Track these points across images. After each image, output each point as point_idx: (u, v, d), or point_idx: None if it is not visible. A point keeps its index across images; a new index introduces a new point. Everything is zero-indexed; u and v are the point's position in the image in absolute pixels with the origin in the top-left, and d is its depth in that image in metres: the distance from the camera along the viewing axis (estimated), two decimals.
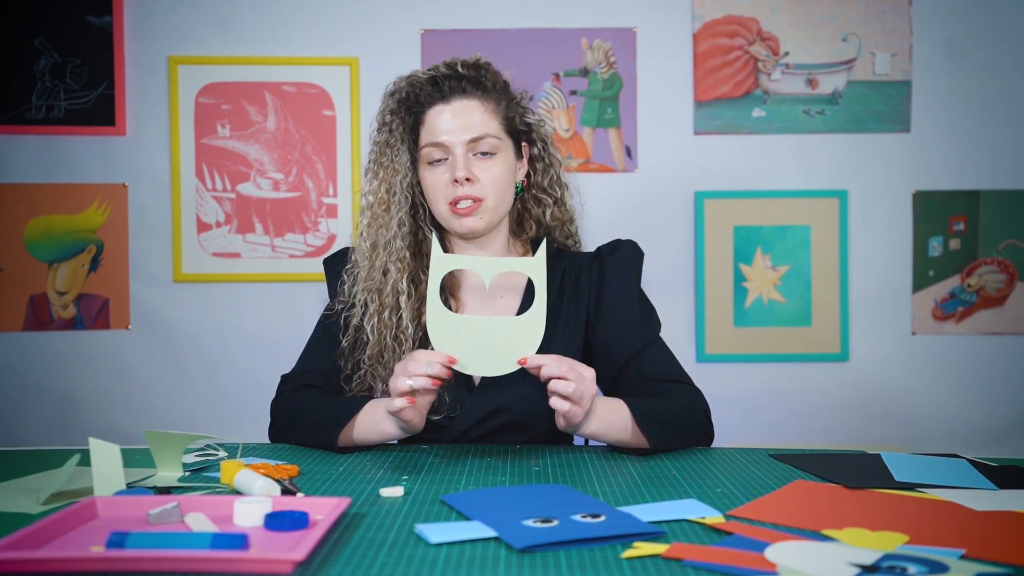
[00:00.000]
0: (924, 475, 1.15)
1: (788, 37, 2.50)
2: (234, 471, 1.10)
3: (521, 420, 1.44)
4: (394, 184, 1.47)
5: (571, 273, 1.52)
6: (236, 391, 2.48)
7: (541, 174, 1.55)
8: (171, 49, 2.48)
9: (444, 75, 1.46)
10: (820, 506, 1.02)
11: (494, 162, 1.44)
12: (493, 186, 1.44)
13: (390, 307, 1.45)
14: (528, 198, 1.56)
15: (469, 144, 1.43)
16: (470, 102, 1.45)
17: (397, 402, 1.22)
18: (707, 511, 0.98)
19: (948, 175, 2.50)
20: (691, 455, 1.31)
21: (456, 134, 1.43)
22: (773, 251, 2.51)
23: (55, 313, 2.49)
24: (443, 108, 1.44)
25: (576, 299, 1.50)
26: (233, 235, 2.50)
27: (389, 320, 1.45)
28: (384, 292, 1.46)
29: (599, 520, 0.93)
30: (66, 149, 2.47)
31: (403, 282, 1.45)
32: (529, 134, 1.53)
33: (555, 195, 1.56)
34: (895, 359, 2.50)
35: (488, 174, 1.44)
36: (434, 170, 1.45)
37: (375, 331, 1.45)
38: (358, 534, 0.91)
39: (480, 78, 1.47)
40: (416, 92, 1.46)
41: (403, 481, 1.14)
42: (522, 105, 1.53)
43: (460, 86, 1.45)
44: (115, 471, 1.06)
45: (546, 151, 1.55)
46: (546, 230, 1.56)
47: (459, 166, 1.42)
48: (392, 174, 1.48)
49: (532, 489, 1.07)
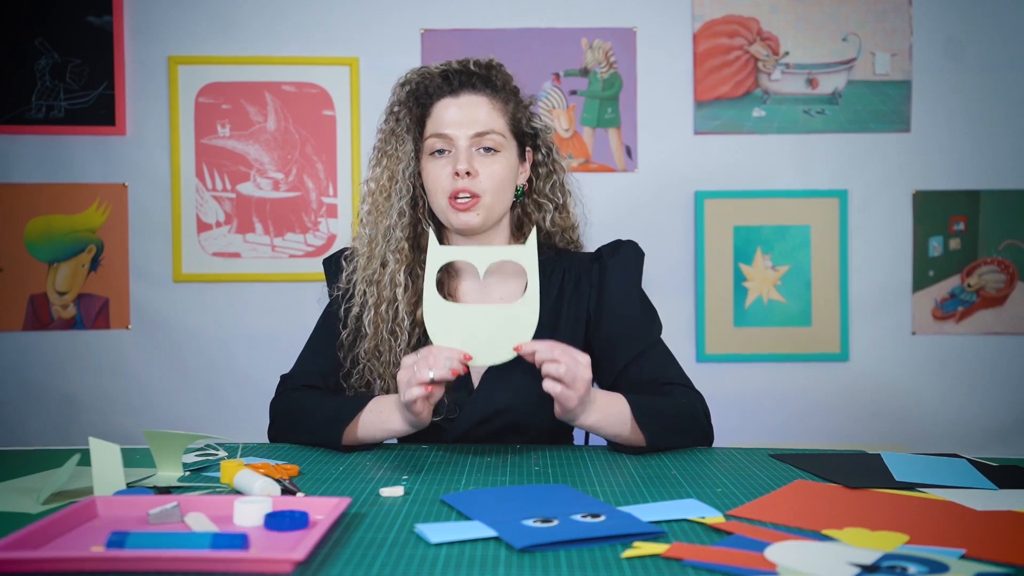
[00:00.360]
0: (924, 475, 1.15)
1: (788, 37, 2.50)
2: (234, 471, 1.10)
3: (521, 422, 1.44)
4: (396, 172, 1.48)
5: (571, 274, 1.52)
6: (236, 391, 2.48)
7: (543, 179, 1.55)
8: (171, 49, 2.48)
9: (456, 70, 1.47)
10: (820, 506, 1.02)
11: (496, 159, 1.45)
12: (492, 183, 1.44)
13: (387, 300, 1.45)
14: (528, 203, 1.56)
15: (473, 139, 1.43)
16: (478, 98, 1.45)
17: (415, 391, 1.21)
18: (707, 511, 0.98)
19: (948, 175, 2.50)
20: (691, 455, 1.31)
21: (461, 127, 1.43)
22: (773, 251, 2.51)
23: (55, 313, 2.49)
24: (451, 101, 1.45)
25: (576, 300, 1.50)
26: (233, 235, 2.50)
27: (386, 314, 1.45)
28: (382, 283, 1.46)
29: (599, 520, 0.93)
30: (66, 149, 2.47)
31: (400, 274, 1.45)
32: (534, 139, 1.54)
33: (557, 201, 1.55)
34: (895, 359, 2.50)
35: (489, 170, 1.44)
36: (436, 161, 1.45)
37: (372, 324, 1.45)
38: (358, 534, 0.91)
39: (491, 77, 1.48)
40: (426, 84, 1.47)
41: (403, 481, 1.14)
42: (530, 110, 1.53)
43: (470, 81, 1.46)
44: (115, 471, 1.06)
45: (550, 157, 1.55)
46: (547, 235, 1.56)
47: (461, 159, 1.42)
48: (396, 162, 1.48)
49: (532, 489, 1.07)
